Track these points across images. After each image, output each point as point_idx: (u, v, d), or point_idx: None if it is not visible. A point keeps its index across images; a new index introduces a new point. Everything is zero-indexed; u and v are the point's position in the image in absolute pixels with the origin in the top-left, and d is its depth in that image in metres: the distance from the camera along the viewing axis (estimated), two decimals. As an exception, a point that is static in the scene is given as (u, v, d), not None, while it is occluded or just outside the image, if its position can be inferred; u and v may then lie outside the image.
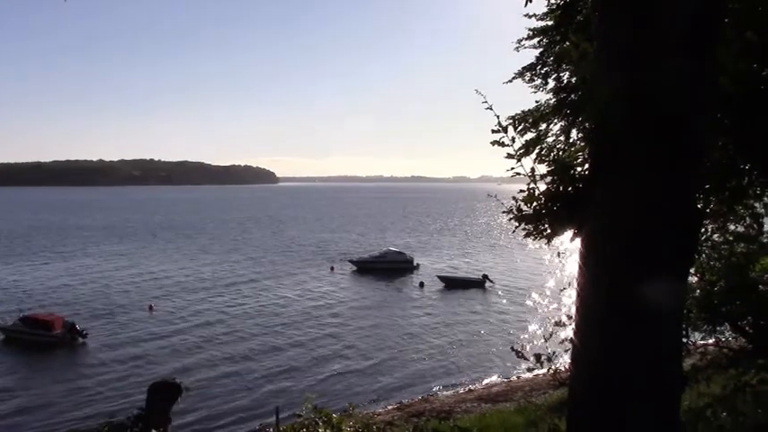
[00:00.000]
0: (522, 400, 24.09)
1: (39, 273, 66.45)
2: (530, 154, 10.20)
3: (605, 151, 3.80)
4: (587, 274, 3.86)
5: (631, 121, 3.60)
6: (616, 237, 3.69)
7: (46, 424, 26.82)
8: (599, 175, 3.88)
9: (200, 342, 39.74)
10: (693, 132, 3.61)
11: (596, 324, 3.78)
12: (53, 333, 39.28)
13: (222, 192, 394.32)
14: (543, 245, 5.62)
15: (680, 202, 3.63)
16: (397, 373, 34.19)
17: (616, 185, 3.69)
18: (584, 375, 3.90)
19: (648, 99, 3.54)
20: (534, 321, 45.28)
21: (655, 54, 3.53)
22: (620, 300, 3.64)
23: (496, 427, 18.09)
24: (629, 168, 3.63)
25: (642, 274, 3.62)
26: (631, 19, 3.60)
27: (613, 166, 3.71)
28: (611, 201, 3.72)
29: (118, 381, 32.28)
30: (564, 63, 9.36)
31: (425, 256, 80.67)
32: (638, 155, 3.58)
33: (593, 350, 3.83)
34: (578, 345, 3.96)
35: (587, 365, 3.88)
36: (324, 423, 7.53)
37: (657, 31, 3.54)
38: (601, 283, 3.78)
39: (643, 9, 3.56)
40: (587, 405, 3.89)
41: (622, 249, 3.66)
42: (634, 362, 3.66)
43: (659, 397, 3.72)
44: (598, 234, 3.85)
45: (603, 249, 3.79)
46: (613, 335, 3.68)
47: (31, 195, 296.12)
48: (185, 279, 63.67)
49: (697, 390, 10.97)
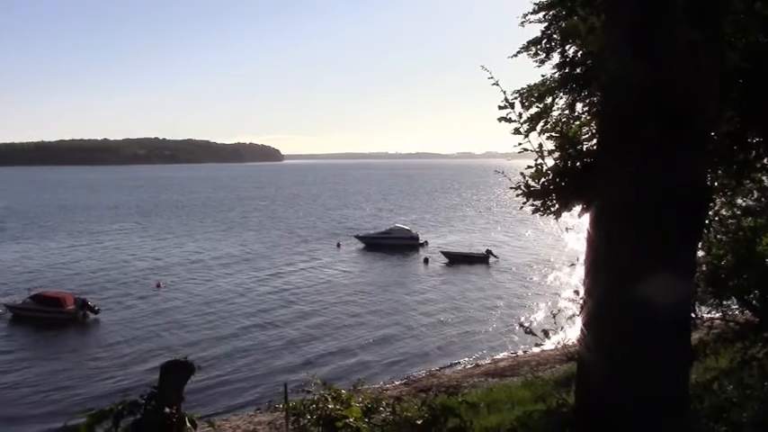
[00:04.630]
0: (529, 375, 24.16)
1: (46, 251, 66.74)
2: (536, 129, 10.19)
3: (613, 126, 3.79)
4: (596, 248, 3.87)
5: (639, 95, 3.58)
6: (624, 211, 3.69)
7: (60, 402, 27.02)
8: (607, 150, 3.87)
9: (206, 319, 39.96)
10: (701, 105, 3.59)
11: (605, 299, 3.79)
12: (65, 309, 39.46)
13: (228, 170, 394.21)
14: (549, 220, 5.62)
15: (688, 176, 3.62)
16: (403, 348, 34.35)
17: (624, 160, 3.68)
18: (593, 350, 3.92)
19: (655, 71, 3.52)
20: (540, 296, 45.40)
21: (660, 25, 3.50)
22: (628, 274, 3.65)
23: (504, 401, 18.19)
24: (637, 142, 3.61)
25: (651, 249, 3.62)
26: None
27: (621, 140, 3.70)
28: (619, 176, 3.72)
29: (130, 357, 32.54)
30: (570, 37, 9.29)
31: (431, 232, 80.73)
32: (646, 129, 3.57)
33: (601, 324, 3.84)
34: (587, 319, 3.98)
35: (596, 340, 3.90)
36: (333, 399, 7.58)
37: (663, 2, 3.51)
38: (609, 258, 3.79)
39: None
40: (596, 379, 3.92)
41: (631, 224, 3.66)
42: (643, 335, 3.67)
43: (668, 370, 3.74)
44: (606, 209, 3.84)
45: (611, 224, 3.79)
46: (622, 309, 3.69)
47: (36, 175, 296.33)
48: (191, 256, 63.92)
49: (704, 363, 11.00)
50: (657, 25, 3.51)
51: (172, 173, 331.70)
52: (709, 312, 9.86)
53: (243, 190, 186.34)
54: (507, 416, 13.55)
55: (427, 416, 7.30)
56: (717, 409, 7.79)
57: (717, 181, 7.19)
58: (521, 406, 14.79)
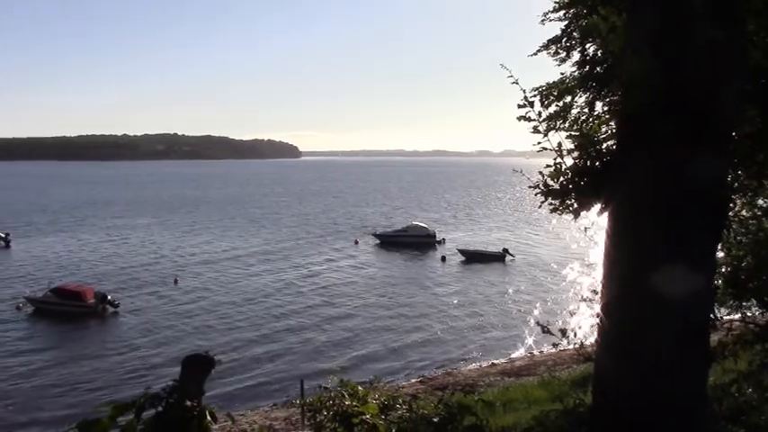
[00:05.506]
0: (546, 375, 24.10)
1: (66, 246, 67.46)
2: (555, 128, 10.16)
3: (633, 125, 3.78)
4: (614, 248, 3.86)
5: (659, 95, 3.57)
6: (644, 211, 3.68)
7: (81, 394, 27.36)
8: (626, 150, 3.86)
9: (225, 314, 40.25)
10: (722, 104, 3.57)
11: (624, 299, 3.78)
12: (85, 303, 39.96)
13: (246, 166, 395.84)
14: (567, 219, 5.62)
15: (709, 177, 3.61)
16: (420, 347, 34.37)
17: (644, 160, 3.67)
18: (611, 350, 3.92)
19: (676, 71, 3.51)
20: (557, 296, 45.26)
21: (681, 24, 3.49)
22: (648, 274, 3.64)
23: (520, 400, 18.16)
24: (657, 142, 3.61)
25: (670, 249, 3.61)
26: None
27: (641, 140, 3.70)
28: (638, 175, 3.71)
29: (149, 350, 32.90)
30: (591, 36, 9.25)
31: (449, 230, 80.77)
32: (667, 129, 3.56)
33: (620, 325, 3.84)
34: (605, 319, 3.97)
35: (614, 340, 3.90)
36: (350, 395, 7.60)
37: (684, 0, 3.50)
38: (628, 258, 3.78)
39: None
40: (613, 379, 3.91)
41: (650, 224, 3.65)
42: (661, 336, 3.67)
43: (687, 372, 3.72)
44: (625, 209, 3.84)
45: (631, 224, 3.78)
46: (641, 310, 3.68)
47: (57, 170, 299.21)
48: (209, 252, 64.38)
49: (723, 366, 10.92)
50: (678, 24, 3.50)
51: (191, 169, 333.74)
52: (729, 314, 9.78)
53: (262, 186, 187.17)
54: (524, 415, 13.53)
55: (444, 414, 7.31)
56: (735, 412, 7.75)
57: (737, 181, 7.13)
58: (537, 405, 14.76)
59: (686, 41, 3.47)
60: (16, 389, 28.06)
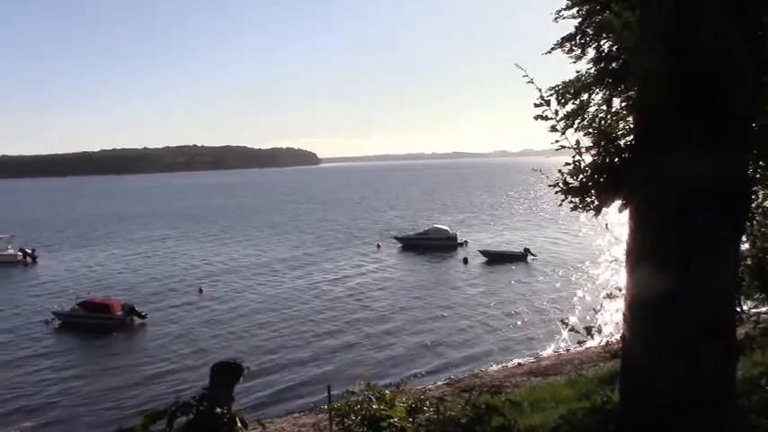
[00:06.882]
0: (573, 373, 23.91)
1: (91, 259, 68.17)
2: (573, 126, 10.14)
3: (651, 120, 3.78)
4: (636, 244, 3.86)
5: (676, 90, 3.57)
6: (665, 206, 3.68)
7: (113, 404, 27.62)
8: (645, 145, 3.87)
9: (250, 322, 40.44)
10: (738, 98, 3.57)
11: (648, 295, 3.78)
12: (113, 315, 40.35)
13: (266, 175, 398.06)
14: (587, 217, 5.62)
15: (728, 169, 3.60)
16: (445, 349, 34.30)
17: (662, 155, 3.67)
18: (637, 346, 3.91)
19: (691, 66, 3.51)
20: (580, 294, 44.97)
21: (695, 17, 3.49)
22: (671, 269, 3.64)
23: (547, 400, 18.03)
24: (674, 138, 3.61)
25: (693, 244, 3.61)
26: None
27: (660, 135, 3.70)
28: (658, 170, 3.71)
29: (178, 360, 33.13)
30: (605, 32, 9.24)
31: (472, 231, 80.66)
32: (685, 123, 3.56)
33: (645, 321, 3.83)
34: (630, 316, 3.97)
35: (640, 336, 3.90)
36: (377, 399, 7.65)
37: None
38: (651, 254, 3.78)
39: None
40: (640, 376, 3.91)
41: (672, 219, 3.65)
42: (687, 332, 3.66)
43: (714, 366, 3.71)
44: (646, 205, 3.84)
45: (652, 220, 3.78)
46: (665, 305, 3.68)
47: (81, 185, 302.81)
48: (233, 261, 64.75)
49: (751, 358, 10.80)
50: (693, 18, 3.50)
51: (212, 179, 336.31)
52: (755, 306, 9.70)
53: (284, 194, 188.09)
54: (551, 414, 13.46)
55: (471, 415, 7.33)
56: (765, 405, 7.68)
57: (759, 173, 7.08)
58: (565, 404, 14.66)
59: (700, 36, 3.47)
60: (48, 402, 28.40)
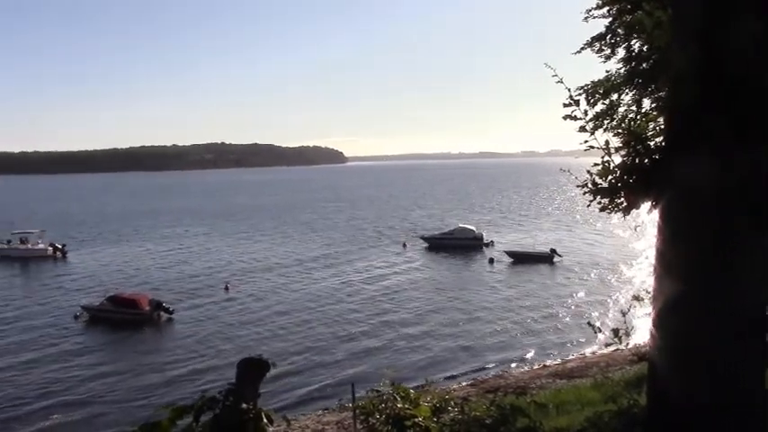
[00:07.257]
0: (599, 376, 23.66)
1: (121, 255, 69.00)
2: (602, 126, 10.05)
3: (682, 121, 3.75)
4: (666, 246, 3.83)
5: (707, 90, 3.54)
6: (695, 208, 3.64)
7: (141, 398, 27.94)
8: (675, 146, 3.83)
9: (276, 319, 40.67)
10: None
11: (677, 297, 3.74)
12: (141, 311, 40.83)
13: (293, 173, 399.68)
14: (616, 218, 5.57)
15: (759, 170, 3.56)
16: (469, 349, 34.19)
17: (693, 156, 3.64)
18: (666, 349, 3.88)
19: (723, 66, 3.48)
20: (607, 296, 44.55)
21: (725, 17, 3.46)
22: (701, 271, 3.60)
23: (573, 402, 17.86)
24: (706, 138, 3.57)
25: (723, 246, 3.57)
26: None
27: (691, 135, 3.66)
28: (688, 172, 3.67)
29: (205, 356, 33.41)
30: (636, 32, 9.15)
31: (499, 231, 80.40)
32: (716, 124, 3.52)
33: (674, 324, 3.80)
34: (657, 319, 3.93)
35: (669, 339, 3.86)
36: (402, 398, 7.65)
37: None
38: (681, 256, 3.74)
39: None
40: (667, 380, 3.87)
41: (702, 221, 3.61)
42: (715, 335, 3.62)
43: (744, 370, 3.66)
44: (676, 206, 3.80)
45: (682, 222, 3.74)
46: (695, 308, 3.64)
47: (110, 181, 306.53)
48: (264, 259, 65.11)
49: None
50: (724, 18, 3.46)
51: (240, 176, 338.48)
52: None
53: (313, 192, 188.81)
54: (577, 417, 13.35)
55: (496, 416, 7.31)
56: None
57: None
58: (590, 407, 14.51)
59: (733, 36, 3.43)
60: (77, 396, 28.81)
